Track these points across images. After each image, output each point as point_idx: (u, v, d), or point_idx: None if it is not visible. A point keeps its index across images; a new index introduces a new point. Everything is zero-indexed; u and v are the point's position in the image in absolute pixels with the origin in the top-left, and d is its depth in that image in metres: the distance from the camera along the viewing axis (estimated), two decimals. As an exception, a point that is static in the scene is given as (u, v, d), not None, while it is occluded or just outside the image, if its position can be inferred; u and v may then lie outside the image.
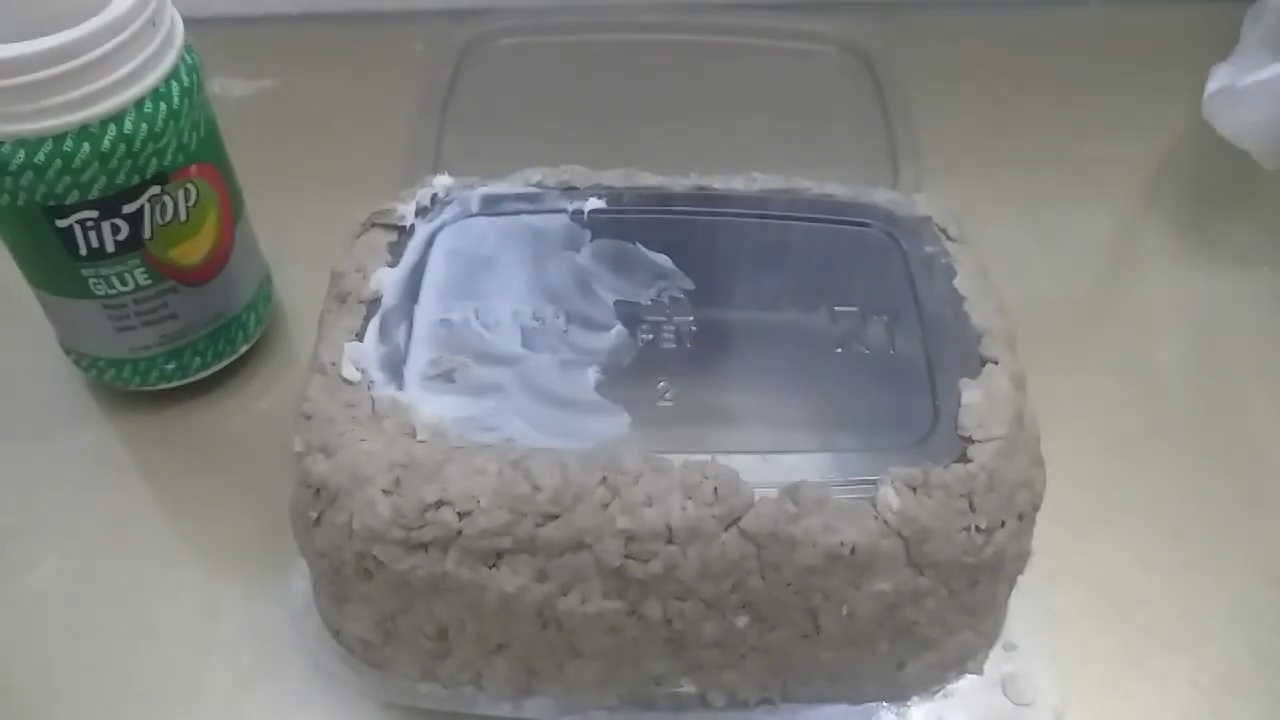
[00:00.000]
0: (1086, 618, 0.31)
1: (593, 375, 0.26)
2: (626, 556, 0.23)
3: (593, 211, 0.30)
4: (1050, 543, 0.27)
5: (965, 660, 0.27)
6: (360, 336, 0.27)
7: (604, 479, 0.23)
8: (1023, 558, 0.26)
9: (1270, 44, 0.41)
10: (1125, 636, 0.30)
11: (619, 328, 0.27)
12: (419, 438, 0.24)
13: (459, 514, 0.23)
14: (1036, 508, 0.25)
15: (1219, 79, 0.41)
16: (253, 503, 0.33)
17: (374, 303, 0.27)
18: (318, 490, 0.24)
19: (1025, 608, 0.29)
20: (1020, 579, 0.27)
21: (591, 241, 0.29)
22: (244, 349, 0.37)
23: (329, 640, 0.28)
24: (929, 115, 0.46)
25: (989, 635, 0.28)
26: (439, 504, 0.23)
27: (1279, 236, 0.43)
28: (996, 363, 0.26)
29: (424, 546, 0.23)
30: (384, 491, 0.23)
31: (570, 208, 0.30)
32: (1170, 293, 0.42)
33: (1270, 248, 0.42)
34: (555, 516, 0.23)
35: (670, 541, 0.23)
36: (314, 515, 0.25)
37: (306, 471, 0.25)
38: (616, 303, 0.28)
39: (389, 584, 0.24)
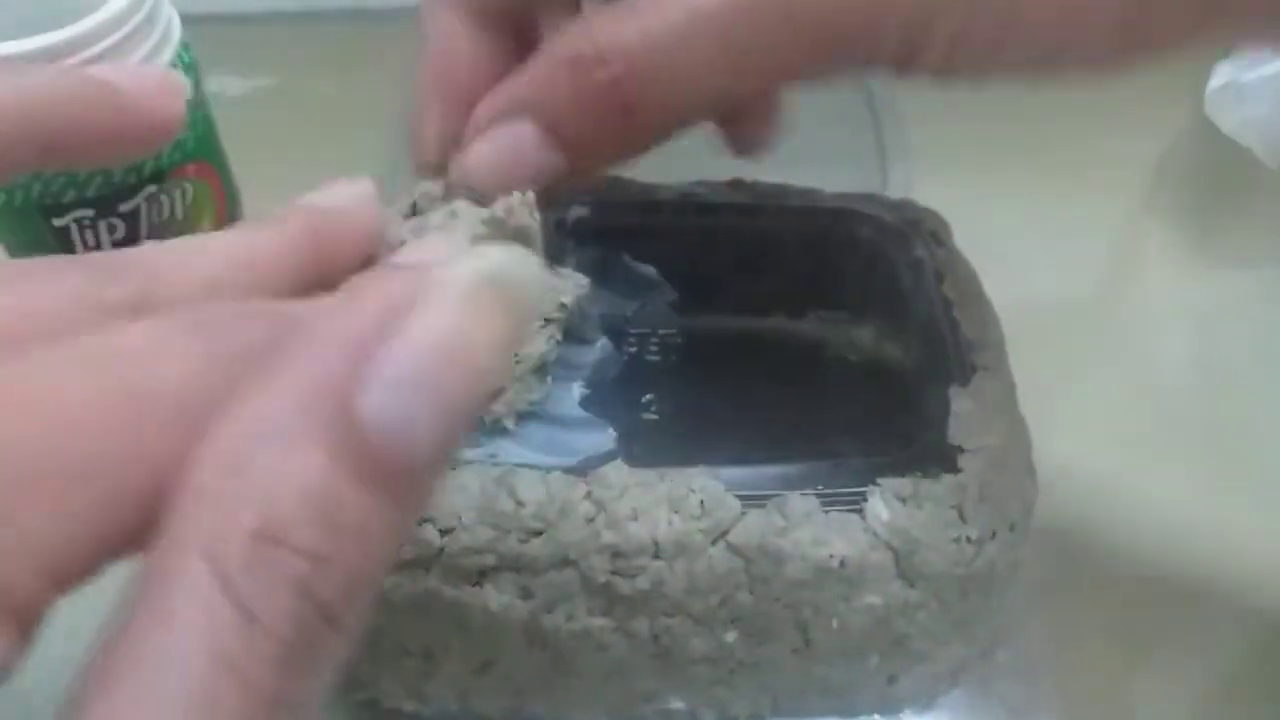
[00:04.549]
0: (1082, 624, 0.30)
1: (577, 389, 0.26)
2: (612, 572, 0.23)
3: (576, 220, 0.29)
4: (1047, 546, 0.27)
5: (958, 672, 0.27)
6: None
7: (588, 493, 0.23)
8: (1015, 568, 0.26)
9: (1274, 41, 0.41)
10: (1122, 643, 0.30)
11: (604, 340, 0.27)
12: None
13: (441, 531, 0.23)
14: (1028, 517, 0.25)
15: (1221, 75, 0.41)
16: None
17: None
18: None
19: (1019, 616, 0.28)
20: (1014, 585, 0.27)
21: (575, 251, 0.29)
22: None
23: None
24: (926, 114, 0.46)
25: (982, 646, 0.27)
26: (420, 521, 0.23)
27: (1281, 234, 0.43)
28: (987, 370, 0.26)
29: (406, 565, 0.23)
30: (364, 510, 0.23)
31: (552, 217, 0.30)
32: (1171, 291, 0.41)
33: (1272, 245, 0.42)
34: (539, 533, 0.23)
35: (657, 556, 0.23)
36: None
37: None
38: (601, 315, 0.27)
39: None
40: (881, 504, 0.23)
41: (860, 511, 0.23)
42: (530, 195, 0.24)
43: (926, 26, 0.20)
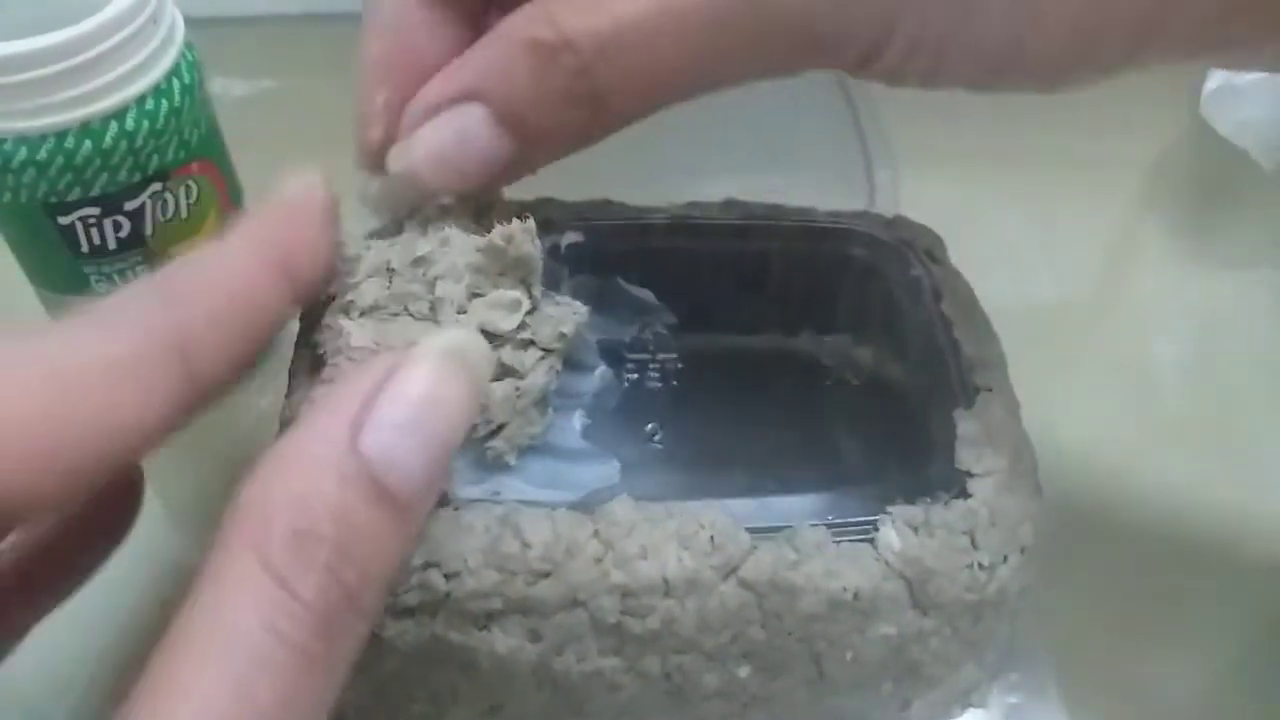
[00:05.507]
0: (1083, 627, 0.30)
1: (578, 419, 0.25)
2: (623, 612, 0.22)
3: (569, 245, 0.29)
4: (1048, 550, 0.26)
5: (969, 694, 0.27)
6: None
7: (596, 532, 0.23)
8: (1026, 590, 0.25)
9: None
10: (1124, 646, 0.30)
11: (603, 368, 0.26)
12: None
13: (446, 576, 0.22)
14: (1037, 538, 0.25)
15: (1217, 77, 0.41)
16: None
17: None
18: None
19: (1027, 634, 0.28)
20: (1024, 606, 0.27)
21: (570, 278, 0.28)
22: (244, 347, 0.37)
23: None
24: (915, 118, 0.45)
25: (992, 667, 0.27)
26: (425, 565, 0.22)
27: (1277, 235, 0.43)
28: (990, 391, 0.26)
29: (410, 611, 0.22)
30: (367, 555, 0.22)
31: (546, 243, 0.29)
32: (1168, 293, 0.41)
33: (1268, 247, 0.42)
34: (547, 574, 0.22)
35: (667, 595, 0.22)
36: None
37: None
38: (599, 341, 0.27)
39: (377, 649, 0.23)
40: (893, 533, 0.23)
41: (872, 541, 0.23)
42: (531, 223, 0.24)
43: (889, 32, 0.21)
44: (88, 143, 0.29)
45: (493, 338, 0.24)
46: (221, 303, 0.20)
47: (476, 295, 0.24)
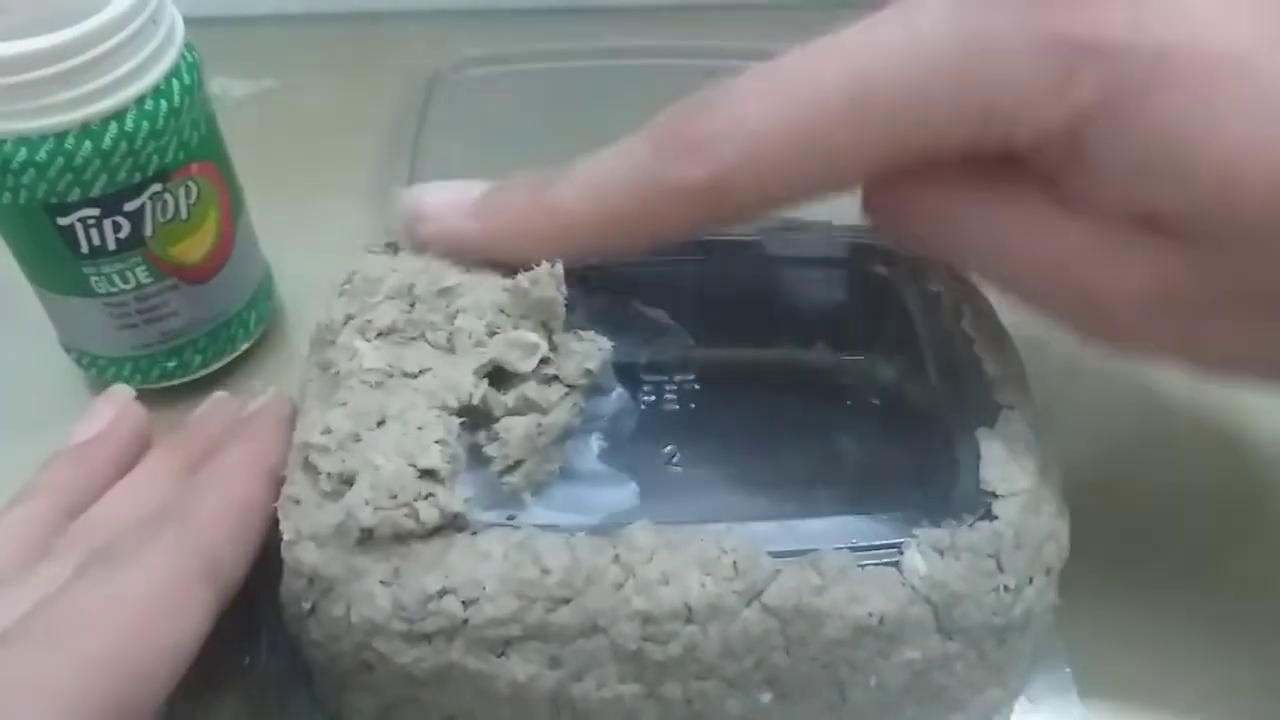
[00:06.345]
0: (1105, 649, 0.30)
1: (595, 443, 0.25)
2: (644, 639, 0.22)
3: (584, 267, 0.28)
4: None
5: (991, 715, 0.26)
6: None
7: (616, 557, 0.22)
8: (1049, 611, 0.25)
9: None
10: (1133, 650, 0.29)
11: (619, 390, 0.26)
12: (417, 520, 0.23)
13: (463, 603, 0.22)
14: (1063, 560, 0.25)
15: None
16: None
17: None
18: (310, 580, 0.23)
19: (1045, 652, 0.28)
20: (1048, 626, 0.26)
21: (583, 300, 0.28)
22: (245, 346, 0.37)
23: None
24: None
25: (1014, 688, 0.27)
26: (442, 593, 0.22)
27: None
28: (1013, 408, 0.25)
29: (427, 638, 0.22)
30: (382, 582, 0.22)
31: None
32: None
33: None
34: (566, 600, 0.22)
35: (689, 621, 0.22)
36: (307, 606, 0.23)
37: (297, 560, 0.23)
38: (615, 364, 0.26)
39: (391, 675, 0.23)
40: (919, 557, 0.22)
41: (897, 565, 0.22)
42: (559, 267, 0.23)
43: None
44: (87, 143, 0.29)
45: (511, 375, 0.24)
46: (236, 521, 0.23)
47: (495, 333, 0.24)
